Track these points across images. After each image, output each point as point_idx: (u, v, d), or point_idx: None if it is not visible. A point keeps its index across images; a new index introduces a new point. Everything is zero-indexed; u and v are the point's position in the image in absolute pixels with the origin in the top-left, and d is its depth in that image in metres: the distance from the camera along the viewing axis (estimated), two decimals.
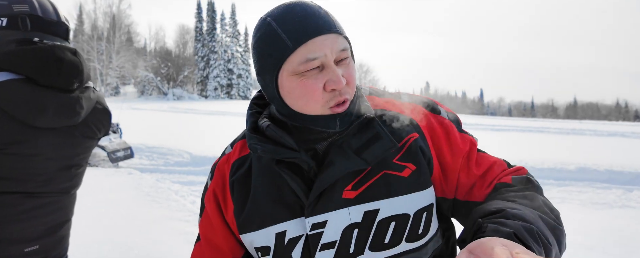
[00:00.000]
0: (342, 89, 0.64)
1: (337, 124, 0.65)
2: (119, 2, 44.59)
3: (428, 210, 0.67)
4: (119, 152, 6.26)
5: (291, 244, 0.67)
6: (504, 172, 0.70)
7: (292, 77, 0.63)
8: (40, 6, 1.15)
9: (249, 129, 0.72)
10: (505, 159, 0.75)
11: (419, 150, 0.68)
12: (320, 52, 0.61)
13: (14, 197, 1.10)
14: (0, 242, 1.09)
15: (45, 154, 1.14)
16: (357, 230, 0.65)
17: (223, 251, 0.75)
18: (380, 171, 0.66)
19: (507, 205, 0.59)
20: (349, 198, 0.65)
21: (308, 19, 0.62)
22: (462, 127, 0.75)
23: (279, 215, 0.68)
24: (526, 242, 0.50)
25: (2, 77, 1.05)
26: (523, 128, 15.56)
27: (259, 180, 0.70)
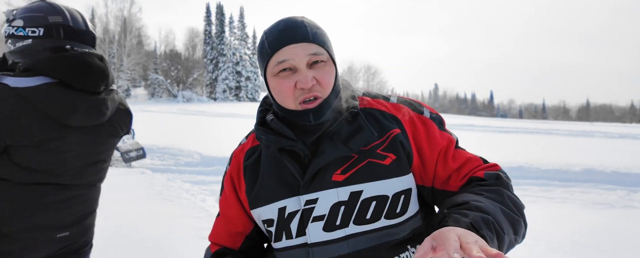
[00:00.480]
0: (311, 88, 0.75)
1: (311, 118, 0.76)
2: (129, 6, 45.19)
3: (406, 193, 0.78)
4: (132, 152, 6.41)
5: (290, 217, 0.79)
6: (479, 167, 0.80)
7: (272, 77, 0.78)
8: (71, 17, 1.27)
9: (257, 122, 0.86)
10: (481, 156, 0.84)
11: (399, 143, 0.79)
12: (289, 56, 0.74)
13: (49, 188, 1.23)
14: (38, 228, 1.22)
15: (75, 150, 1.26)
16: (344, 206, 0.76)
17: (236, 224, 0.89)
18: (365, 159, 0.77)
19: (472, 198, 0.69)
20: (337, 180, 0.77)
21: (285, 31, 0.75)
22: (444, 126, 0.85)
23: (281, 193, 0.80)
24: (481, 230, 0.60)
25: (39, 81, 1.17)
26: (532, 130, 15.42)
27: (266, 165, 0.84)
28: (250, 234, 0.91)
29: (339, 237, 0.76)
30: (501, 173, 0.78)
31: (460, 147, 0.84)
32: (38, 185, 1.20)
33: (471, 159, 0.81)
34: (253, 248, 0.92)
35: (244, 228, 0.90)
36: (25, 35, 1.20)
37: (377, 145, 0.79)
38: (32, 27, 1.20)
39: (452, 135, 0.84)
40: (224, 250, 0.91)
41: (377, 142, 0.79)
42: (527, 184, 5.46)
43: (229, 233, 0.91)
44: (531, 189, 5.15)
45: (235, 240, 0.91)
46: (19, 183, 1.18)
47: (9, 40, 1.23)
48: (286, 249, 0.80)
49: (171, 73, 45.99)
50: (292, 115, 0.79)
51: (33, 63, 1.18)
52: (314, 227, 0.77)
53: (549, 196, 4.75)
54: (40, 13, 1.22)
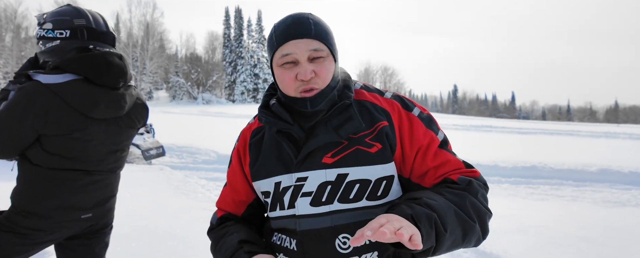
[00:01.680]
0: (310, 80, 0.83)
1: (308, 105, 0.85)
2: (152, 11, 46.41)
3: (388, 179, 0.85)
4: (152, 150, 6.68)
5: (284, 191, 0.88)
6: (456, 170, 0.85)
7: (277, 68, 0.87)
8: (93, 19, 1.39)
9: (261, 105, 0.96)
10: (465, 161, 0.88)
11: (385, 134, 0.85)
12: (292, 50, 0.83)
13: (75, 173, 1.36)
14: (65, 208, 1.36)
15: (98, 140, 1.38)
16: (330, 186, 0.84)
17: (240, 193, 1.00)
18: (354, 146, 0.85)
19: (428, 195, 0.74)
20: (327, 163, 0.84)
21: (291, 27, 0.84)
22: (432, 126, 0.90)
23: (278, 170, 0.89)
24: (418, 223, 0.65)
25: (66, 78, 1.30)
26: (552, 131, 15.01)
27: (267, 143, 0.93)
28: (252, 203, 1.00)
29: (323, 212, 0.84)
30: (475, 180, 0.82)
31: (446, 149, 0.88)
32: (65, 170, 1.34)
33: (451, 161, 0.85)
34: (253, 216, 1.01)
35: (247, 197, 0.99)
36: (54, 37, 1.34)
37: (366, 135, 0.85)
38: (60, 29, 1.34)
39: (437, 135, 0.88)
40: (228, 215, 1.01)
41: (367, 131, 0.86)
42: (538, 183, 5.39)
43: (233, 201, 1.00)
44: (541, 188, 5.10)
45: (239, 207, 1.00)
46: (49, 168, 1.32)
47: (40, 42, 1.38)
48: (278, 218, 0.90)
49: (191, 76, 46.98)
50: (292, 102, 0.87)
51: (61, 62, 1.31)
52: (302, 201, 0.85)
53: (559, 195, 4.70)
54: (66, 16, 1.35)
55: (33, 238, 1.32)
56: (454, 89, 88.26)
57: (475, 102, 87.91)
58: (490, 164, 6.32)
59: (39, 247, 1.37)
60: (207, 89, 46.71)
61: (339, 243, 0.83)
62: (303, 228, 0.86)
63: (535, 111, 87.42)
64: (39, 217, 1.32)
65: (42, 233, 1.34)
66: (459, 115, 42.28)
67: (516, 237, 2.99)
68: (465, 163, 0.87)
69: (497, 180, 5.73)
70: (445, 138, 0.90)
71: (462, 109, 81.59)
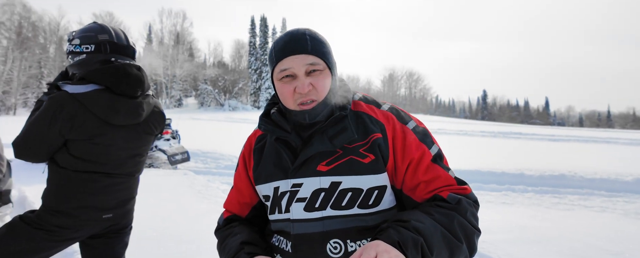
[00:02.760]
0: (308, 93, 0.88)
1: (307, 117, 0.90)
2: (182, 21, 48.34)
3: (379, 189, 0.87)
4: (177, 155, 6.93)
5: (282, 196, 0.93)
6: (447, 187, 0.86)
7: (277, 82, 0.92)
8: (115, 35, 1.51)
9: (262, 113, 1.01)
10: (457, 177, 0.89)
11: (378, 146, 0.88)
12: (290, 65, 0.88)
13: (97, 176, 1.47)
14: (88, 208, 1.47)
15: (117, 145, 1.49)
16: (324, 193, 0.88)
17: (245, 195, 1.05)
18: (348, 156, 0.88)
19: (416, 217, 0.77)
20: (322, 170, 0.88)
21: (289, 43, 0.89)
22: (425, 139, 0.91)
23: (277, 175, 0.94)
24: (405, 250, 0.68)
25: (90, 88, 1.42)
26: (587, 138, 14.26)
27: (268, 150, 0.99)
28: (255, 205, 1.05)
29: (316, 217, 0.87)
30: (464, 198, 0.83)
31: (439, 163, 0.89)
32: (88, 173, 1.45)
33: (442, 177, 0.86)
34: (257, 217, 1.06)
35: (250, 200, 1.04)
36: (81, 51, 1.47)
37: (361, 145, 0.88)
38: (86, 44, 1.47)
39: (430, 149, 0.89)
40: (233, 217, 1.06)
41: (361, 142, 0.89)
42: (566, 193, 5.16)
43: (238, 203, 1.05)
44: (568, 198, 4.87)
45: (243, 209, 1.05)
46: (74, 171, 1.43)
47: (69, 56, 1.51)
48: (277, 221, 0.94)
49: (219, 83, 48.23)
50: (292, 114, 0.93)
51: (86, 73, 1.44)
52: (296, 206, 0.89)
53: (587, 205, 4.48)
54: (92, 32, 1.48)
55: (60, 235, 1.43)
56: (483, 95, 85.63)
57: (506, 107, 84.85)
58: (515, 172, 6.10)
59: (65, 243, 1.48)
60: (234, 95, 47.76)
61: (330, 247, 0.87)
62: (297, 232, 0.90)
63: (572, 117, 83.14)
64: (64, 215, 1.43)
65: (68, 230, 1.44)
66: (489, 122, 40.86)
67: (534, 248, 2.87)
68: (457, 179, 0.88)
69: (522, 188, 5.52)
70: (439, 153, 0.91)
71: (492, 115, 78.89)
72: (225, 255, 0.95)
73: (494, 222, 3.61)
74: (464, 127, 21.32)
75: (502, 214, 4.06)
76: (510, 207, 4.54)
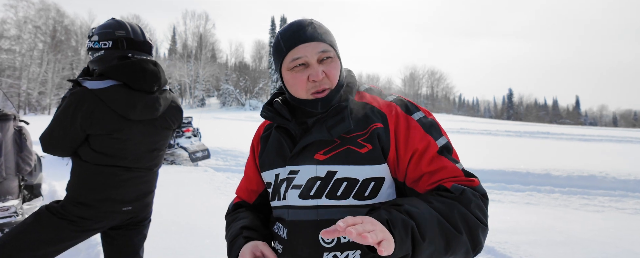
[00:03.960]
0: (321, 81, 0.88)
1: (319, 106, 0.89)
2: (205, 23, 49.41)
3: (376, 181, 0.85)
4: (198, 153, 7.08)
5: (281, 182, 0.94)
6: (453, 178, 0.82)
7: (287, 71, 0.90)
8: (132, 30, 1.53)
9: (266, 102, 1.02)
10: (465, 169, 0.85)
11: (377, 136, 0.86)
12: (302, 54, 0.87)
13: (117, 169, 1.50)
14: (108, 200, 1.50)
15: (135, 139, 1.51)
16: (319, 181, 0.87)
17: (252, 182, 1.08)
18: (345, 145, 0.87)
19: (413, 202, 0.74)
20: (319, 159, 0.88)
21: (297, 32, 0.88)
22: (432, 131, 0.87)
23: (277, 163, 0.95)
24: (393, 229, 0.65)
25: (108, 84, 1.45)
26: (621, 138, 13.55)
27: (272, 138, 1.00)
28: (262, 193, 1.06)
29: (311, 205, 0.87)
30: (469, 189, 0.79)
31: (446, 155, 0.85)
32: (108, 166, 1.49)
33: (448, 168, 0.83)
34: (263, 205, 1.08)
35: (257, 187, 1.06)
36: (100, 48, 1.50)
37: (359, 136, 0.87)
38: (104, 40, 1.49)
39: (437, 141, 0.86)
40: (242, 203, 1.09)
41: (360, 132, 0.87)
42: (597, 195, 4.91)
43: (247, 190, 1.08)
44: (598, 199, 4.63)
45: (251, 196, 1.08)
46: (95, 164, 1.48)
47: (89, 52, 1.55)
48: (276, 208, 0.96)
49: (240, 83, 49.01)
50: (303, 104, 0.91)
51: (104, 69, 1.47)
52: (292, 193, 0.90)
53: (619, 207, 4.23)
54: (109, 29, 1.50)
55: (81, 225, 1.48)
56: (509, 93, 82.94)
57: (534, 107, 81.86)
58: (540, 172, 5.85)
59: (87, 233, 1.52)
60: (254, 95, 48.41)
61: (322, 237, 0.85)
62: (291, 219, 0.90)
63: (605, 117, 79.30)
64: (86, 206, 1.48)
65: (89, 221, 1.49)
66: (515, 121, 39.52)
67: (560, 250, 2.74)
68: (465, 171, 0.84)
69: (549, 189, 5.29)
70: (447, 145, 0.87)
71: (518, 115, 76.31)
72: (228, 238, 0.97)
73: (518, 222, 3.48)
74: (488, 126, 20.70)
75: (526, 215, 3.91)
76: (535, 208, 4.36)
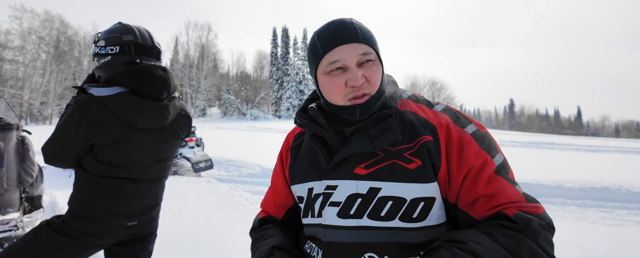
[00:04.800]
0: (361, 86, 0.80)
1: (357, 113, 0.81)
2: (207, 33, 49.85)
3: (426, 201, 0.76)
4: (201, 163, 6.98)
5: (315, 197, 0.85)
6: (514, 204, 0.72)
7: (323, 75, 0.83)
8: (140, 35, 1.46)
9: (300, 108, 0.96)
10: (526, 193, 0.75)
11: (427, 150, 0.78)
12: (341, 56, 0.79)
13: (122, 181, 1.41)
14: (113, 214, 1.41)
15: (143, 149, 1.43)
16: (360, 199, 0.79)
17: (281, 196, 0.99)
18: (390, 159, 0.78)
19: (476, 238, 0.66)
20: (359, 173, 0.80)
21: (336, 32, 0.81)
22: (488, 146, 0.79)
23: (311, 175, 0.87)
24: None
25: (115, 90, 1.37)
26: (628, 149, 13.41)
27: (305, 148, 0.92)
28: (291, 207, 0.98)
29: (351, 226, 0.79)
30: (535, 219, 0.70)
31: (503, 175, 0.76)
32: (113, 178, 1.40)
33: (507, 192, 0.73)
34: (293, 220, 0.99)
35: (286, 201, 0.98)
36: (106, 53, 1.43)
37: (406, 149, 0.79)
38: (111, 45, 1.42)
39: (494, 158, 0.77)
40: (269, 218, 1.01)
41: (407, 145, 0.79)
42: (612, 207, 4.78)
43: (274, 203, 1.00)
44: (616, 212, 4.49)
45: (279, 210, 0.99)
46: (99, 176, 1.38)
47: (95, 58, 1.48)
48: (309, 225, 0.87)
49: (241, 93, 49.24)
50: (340, 111, 0.83)
51: (111, 75, 1.39)
52: (329, 210, 0.82)
53: (634, 220, 4.11)
54: (116, 33, 1.44)
55: (85, 241, 1.38)
56: (510, 104, 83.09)
57: (535, 117, 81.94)
58: (552, 184, 5.73)
59: (90, 250, 1.43)
60: (255, 105, 48.58)
61: None
62: (328, 240, 0.81)
63: (607, 127, 79.27)
64: (89, 221, 1.39)
65: (93, 237, 1.40)
66: (517, 132, 39.46)
67: None
68: (526, 195, 0.75)
69: (562, 201, 5.17)
70: (503, 163, 0.78)
71: (520, 125, 76.33)
72: None
73: None
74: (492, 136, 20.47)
75: None
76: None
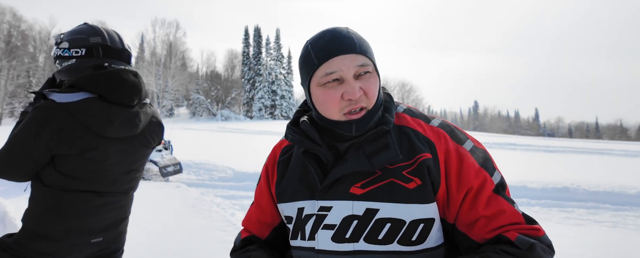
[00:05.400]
0: (358, 99, 0.75)
1: (353, 129, 0.76)
2: (175, 31, 48.33)
3: (426, 223, 0.73)
4: (169, 167, 6.72)
5: (306, 219, 0.80)
6: (515, 226, 0.70)
7: (317, 87, 0.78)
8: (109, 37, 1.36)
9: (290, 121, 0.89)
10: (525, 213, 0.73)
11: (426, 169, 0.74)
12: (338, 68, 0.75)
13: (86, 195, 1.31)
14: (75, 231, 1.29)
15: (111, 159, 1.33)
16: (357, 221, 0.74)
17: (266, 214, 0.92)
18: (388, 178, 0.74)
19: None
20: (355, 193, 0.75)
21: (332, 42, 0.76)
22: (487, 164, 0.76)
23: (302, 194, 0.81)
24: None
25: (80, 96, 1.27)
26: (582, 149, 14.38)
27: (294, 163, 0.86)
28: (277, 226, 0.92)
29: (346, 250, 0.75)
30: (538, 243, 0.68)
31: (502, 194, 0.74)
32: (77, 191, 1.29)
33: (507, 212, 0.72)
34: (279, 240, 0.93)
35: (272, 220, 0.92)
36: (70, 56, 1.32)
37: (404, 167, 0.75)
38: (76, 47, 1.32)
39: (492, 177, 0.75)
40: (252, 238, 0.94)
41: (405, 163, 0.75)
42: (573, 207, 5.07)
43: (258, 222, 0.93)
44: (577, 212, 4.77)
45: (263, 230, 0.93)
46: (60, 190, 1.27)
47: (57, 61, 1.36)
48: (299, 248, 0.82)
49: (211, 93, 48.14)
50: (334, 125, 0.78)
51: (75, 80, 1.28)
52: (323, 234, 0.77)
53: (598, 220, 4.37)
54: (82, 35, 1.33)
55: None
56: (474, 105, 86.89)
57: (497, 118, 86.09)
58: (517, 185, 6.00)
59: None
60: (226, 105, 47.66)
61: None
62: None
63: (561, 128, 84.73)
64: (47, 240, 1.27)
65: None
66: (481, 132, 41.27)
67: None
68: (525, 216, 0.73)
69: (526, 202, 5.43)
70: (502, 182, 0.76)
71: (483, 126, 79.97)
72: None
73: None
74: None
75: None
76: None
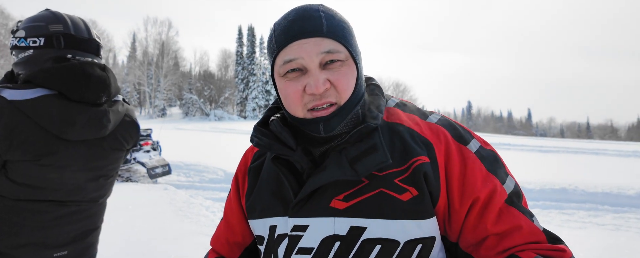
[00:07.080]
0: (323, 93, 0.61)
1: (321, 129, 0.62)
2: (167, 30, 48.03)
3: (425, 243, 0.60)
4: (157, 168, 6.53)
5: (278, 240, 0.67)
6: (534, 246, 0.58)
7: (279, 78, 0.65)
8: (73, 25, 1.22)
9: (258, 121, 0.73)
10: (546, 229, 0.60)
11: (423, 175, 0.61)
12: (297, 54, 0.61)
13: (46, 205, 1.17)
14: (33, 246, 1.16)
15: (75, 165, 1.20)
16: (339, 243, 0.60)
17: (235, 232, 0.78)
18: (377, 188, 0.61)
19: None
20: (337, 208, 0.61)
21: (295, 23, 0.62)
22: (496, 168, 0.63)
23: (274, 209, 0.67)
24: None
25: (37, 93, 1.12)
26: (576, 149, 14.46)
27: (266, 172, 0.72)
28: (250, 246, 0.79)
29: None
30: None
31: (517, 206, 0.61)
32: (34, 201, 1.16)
33: (524, 229, 0.58)
34: None
35: (243, 239, 0.79)
36: (27, 46, 1.18)
37: (396, 174, 0.61)
38: (33, 37, 1.18)
39: (504, 184, 0.62)
40: None
41: (397, 169, 0.61)
42: (572, 208, 5.00)
43: (227, 242, 0.80)
44: (578, 214, 4.69)
45: (233, 251, 0.80)
46: (14, 200, 1.14)
47: (13, 52, 1.22)
48: None
49: (204, 92, 47.84)
50: (301, 124, 0.65)
51: (30, 74, 1.14)
52: None
53: (599, 222, 4.30)
54: (41, 22, 1.19)
55: None
56: (468, 105, 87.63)
57: (491, 118, 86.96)
58: None
59: None
60: (219, 105, 47.39)
61: None
62: None
63: (553, 128, 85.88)
64: (2, 256, 1.14)
65: None
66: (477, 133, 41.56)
67: None
68: (547, 233, 0.59)
69: None
70: (516, 190, 0.62)
71: (476, 126, 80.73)
72: None
73: None
74: None
75: None
76: None
